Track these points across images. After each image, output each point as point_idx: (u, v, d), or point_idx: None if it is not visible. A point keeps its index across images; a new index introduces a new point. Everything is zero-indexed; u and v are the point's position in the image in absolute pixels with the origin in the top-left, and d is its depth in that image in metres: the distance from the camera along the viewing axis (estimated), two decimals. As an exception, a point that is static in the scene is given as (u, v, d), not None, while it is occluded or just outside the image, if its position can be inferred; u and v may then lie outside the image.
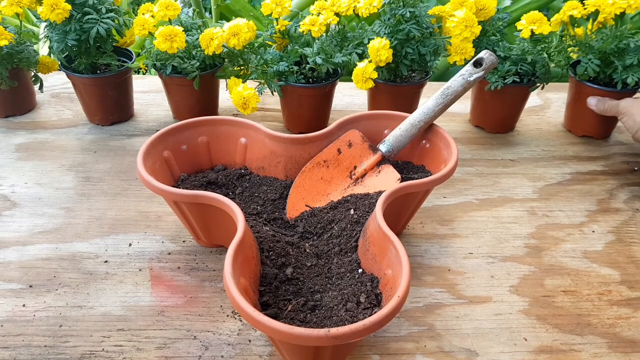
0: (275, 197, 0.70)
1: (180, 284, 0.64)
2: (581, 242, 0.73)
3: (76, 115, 0.98)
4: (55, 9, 0.80)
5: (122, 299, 0.62)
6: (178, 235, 0.71)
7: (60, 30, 0.84)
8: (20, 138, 0.91)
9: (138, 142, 0.91)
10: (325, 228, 0.66)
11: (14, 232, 0.71)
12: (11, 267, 0.66)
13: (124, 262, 0.67)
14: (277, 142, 0.71)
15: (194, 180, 0.71)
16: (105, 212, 0.75)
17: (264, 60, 0.86)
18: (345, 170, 0.72)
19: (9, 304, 0.61)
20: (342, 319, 0.51)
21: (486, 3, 0.88)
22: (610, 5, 0.83)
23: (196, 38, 0.87)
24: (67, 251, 0.68)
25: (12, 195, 0.78)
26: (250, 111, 0.83)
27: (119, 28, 0.88)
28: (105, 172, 0.83)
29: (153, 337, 0.57)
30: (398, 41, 0.83)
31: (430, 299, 0.64)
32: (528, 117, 1.02)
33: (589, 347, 0.58)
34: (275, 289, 0.56)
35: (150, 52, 0.89)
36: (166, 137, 0.69)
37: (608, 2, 0.83)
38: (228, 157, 0.74)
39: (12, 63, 0.89)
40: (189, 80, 0.87)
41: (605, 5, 0.84)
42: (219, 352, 0.56)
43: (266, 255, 0.59)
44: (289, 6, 0.87)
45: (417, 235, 0.73)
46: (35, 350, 0.55)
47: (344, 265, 0.60)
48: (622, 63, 0.83)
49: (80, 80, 0.90)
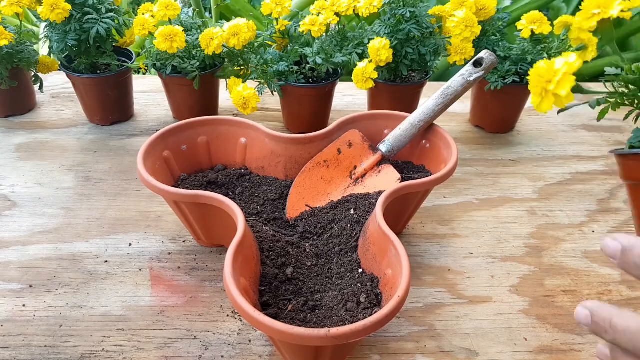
0: (275, 197, 0.70)
1: (180, 284, 0.64)
2: (581, 242, 0.73)
3: (76, 115, 0.98)
4: (55, 9, 0.80)
5: (122, 299, 0.62)
6: (178, 235, 0.71)
7: (60, 30, 0.84)
8: (20, 138, 0.91)
9: (138, 142, 0.91)
10: (325, 228, 0.66)
11: (14, 232, 0.71)
12: (11, 267, 0.66)
13: (124, 262, 0.67)
14: (277, 142, 0.71)
15: (194, 180, 0.71)
16: (105, 212, 0.75)
17: (264, 60, 0.86)
18: (346, 170, 0.72)
19: (9, 304, 0.61)
20: (342, 319, 0.51)
21: (486, 3, 0.88)
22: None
23: (196, 38, 0.87)
24: (67, 251, 0.68)
25: (12, 195, 0.78)
26: (250, 111, 0.84)
27: (119, 28, 0.88)
28: (105, 172, 0.83)
29: (153, 337, 0.57)
30: (398, 41, 0.83)
31: (430, 299, 0.64)
32: (528, 117, 1.02)
33: (589, 347, 0.58)
34: (275, 289, 0.56)
35: (150, 52, 0.89)
36: (166, 137, 0.69)
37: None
38: (228, 157, 0.74)
39: (12, 63, 0.89)
40: (189, 80, 0.87)
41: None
42: (219, 352, 0.56)
43: (266, 255, 0.59)
44: (289, 6, 0.87)
45: (417, 235, 0.73)
46: (35, 350, 0.55)
47: (344, 265, 0.60)
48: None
49: (80, 80, 0.90)
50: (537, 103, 0.34)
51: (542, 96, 0.34)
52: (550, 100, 0.33)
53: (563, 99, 0.33)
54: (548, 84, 0.33)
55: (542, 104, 0.34)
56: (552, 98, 0.33)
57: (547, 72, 0.34)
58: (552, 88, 0.33)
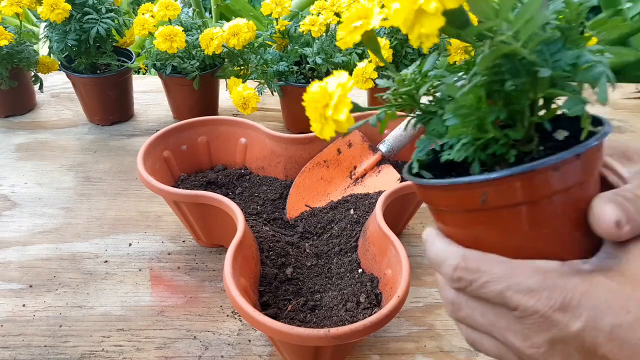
0: (275, 197, 0.70)
1: (180, 284, 0.64)
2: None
3: (76, 115, 0.98)
4: (55, 9, 0.80)
5: (122, 299, 0.62)
6: (178, 235, 0.71)
7: (60, 30, 0.84)
8: (20, 138, 0.91)
9: (138, 142, 0.91)
10: (325, 228, 0.65)
11: (14, 232, 0.71)
12: (11, 267, 0.66)
13: (124, 262, 0.67)
14: (277, 142, 0.71)
15: (194, 180, 0.71)
16: (105, 212, 0.75)
17: (264, 60, 0.86)
18: (345, 170, 0.72)
19: (9, 304, 0.61)
20: (342, 319, 0.51)
21: (486, 3, 0.88)
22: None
23: (196, 38, 0.87)
24: (67, 251, 0.68)
25: (12, 195, 0.78)
26: (250, 111, 0.84)
27: (119, 28, 0.88)
28: (105, 172, 0.83)
29: (153, 337, 0.57)
30: (398, 41, 0.83)
31: (430, 299, 0.63)
32: (528, 117, 1.02)
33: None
34: (275, 289, 0.56)
35: (150, 52, 0.89)
36: (166, 137, 0.69)
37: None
38: (228, 157, 0.74)
39: (12, 63, 0.89)
40: (189, 80, 0.87)
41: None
42: (219, 352, 0.56)
43: (266, 255, 0.59)
44: (289, 6, 0.87)
45: (417, 235, 0.73)
46: (35, 350, 0.55)
47: (344, 265, 0.60)
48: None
49: (80, 80, 0.90)
50: (318, 130, 0.31)
51: (321, 122, 0.31)
52: (331, 126, 0.30)
53: (343, 123, 0.30)
54: (325, 109, 0.31)
55: (323, 131, 0.31)
56: (332, 124, 0.30)
57: (321, 96, 0.31)
58: (330, 114, 0.30)
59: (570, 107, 0.26)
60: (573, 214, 0.28)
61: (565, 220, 0.28)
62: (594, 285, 0.27)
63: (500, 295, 0.28)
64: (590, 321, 0.26)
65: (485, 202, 0.27)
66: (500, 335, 0.29)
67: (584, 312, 0.26)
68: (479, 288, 0.29)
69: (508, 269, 0.28)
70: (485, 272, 0.28)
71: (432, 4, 0.24)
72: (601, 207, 0.28)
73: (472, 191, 0.28)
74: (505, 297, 0.28)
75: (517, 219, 0.28)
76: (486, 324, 0.30)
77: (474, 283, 0.29)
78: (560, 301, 0.27)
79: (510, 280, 0.28)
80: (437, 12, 0.24)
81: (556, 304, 0.27)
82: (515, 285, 0.27)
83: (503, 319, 0.29)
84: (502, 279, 0.28)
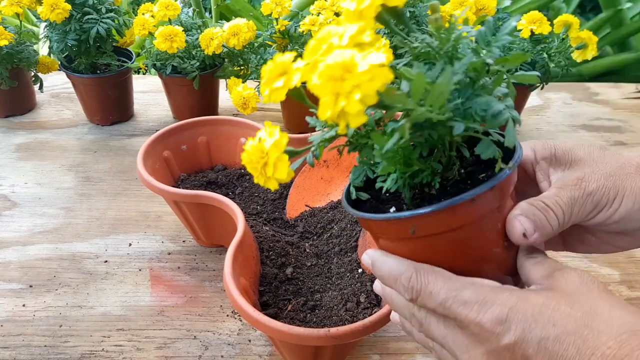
0: (275, 197, 0.70)
1: (180, 284, 0.64)
2: (581, 242, 0.73)
3: (76, 115, 0.98)
4: (55, 9, 0.80)
5: (122, 299, 0.62)
6: (178, 235, 0.71)
7: (60, 30, 0.84)
8: (20, 138, 0.91)
9: (138, 142, 0.91)
10: (325, 228, 0.66)
11: (14, 232, 0.71)
12: (11, 267, 0.66)
13: (124, 262, 0.67)
14: (277, 142, 0.71)
15: (194, 180, 0.71)
16: (105, 212, 0.75)
17: (264, 60, 0.86)
18: (345, 170, 0.72)
19: (9, 304, 0.61)
20: (342, 318, 0.51)
21: (486, 3, 0.88)
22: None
23: (196, 38, 0.87)
24: (67, 251, 0.68)
25: (12, 195, 0.78)
26: (250, 111, 0.84)
27: (119, 28, 0.88)
28: (105, 172, 0.83)
29: (153, 337, 0.57)
30: (398, 41, 0.83)
31: (430, 299, 0.63)
32: (528, 117, 1.02)
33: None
34: (275, 289, 0.56)
35: (150, 52, 0.89)
36: (166, 137, 0.69)
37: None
38: (228, 157, 0.74)
39: (12, 63, 0.89)
40: (189, 80, 0.87)
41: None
42: (219, 352, 0.56)
43: (266, 255, 0.59)
44: (289, 6, 0.87)
45: (417, 235, 0.73)
46: (35, 350, 0.55)
47: (343, 265, 0.60)
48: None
49: (80, 80, 0.90)
50: (262, 183, 0.32)
51: (263, 179, 0.32)
52: (274, 183, 0.32)
53: (284, 179, 0.31)
54: (265, 168, 0.32)
55: (267, 185, 0.32)
56: (274, 181, 0.32)
57: (259, 157, 0.31)
58: (271, 174, 0.31)
59: (483, 151, 0.30)
60: (492, 234, 0.32)
61: (485, 241, 0.32)
62: (522, 300, 0.29)
63: (442, 306, 0.30)
64: (520, 334, 0.28)
65: (415, 233, 0.31)
66: (449, 348, 0.32)
67: (512, 325, 0.28)
68: (426, 298, 0.31)
69: (449, 282, 0.31)
70: (430, 282, 0.31)
71: (353, 106, 0.25)
72: (510, 221, 0.32)
73: (402, 224, 0.32)
74: (446, 307, 0.30)
75: (443, 243, 0.32)
76: (439, 336, 0.32)
77: (422, 292, 0.31)
78: (491, 313, 0.29)
79: (449, 292, 0.30)
80: (359, 113, 0.25)
81: (487, 316, 0.29)
82: (453, 298, 0.30)
83: (450, 332, 0.31)
84: (443, 290, 0.30)
